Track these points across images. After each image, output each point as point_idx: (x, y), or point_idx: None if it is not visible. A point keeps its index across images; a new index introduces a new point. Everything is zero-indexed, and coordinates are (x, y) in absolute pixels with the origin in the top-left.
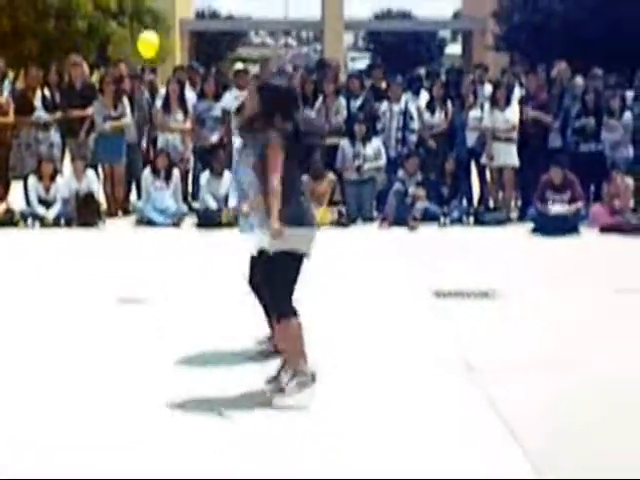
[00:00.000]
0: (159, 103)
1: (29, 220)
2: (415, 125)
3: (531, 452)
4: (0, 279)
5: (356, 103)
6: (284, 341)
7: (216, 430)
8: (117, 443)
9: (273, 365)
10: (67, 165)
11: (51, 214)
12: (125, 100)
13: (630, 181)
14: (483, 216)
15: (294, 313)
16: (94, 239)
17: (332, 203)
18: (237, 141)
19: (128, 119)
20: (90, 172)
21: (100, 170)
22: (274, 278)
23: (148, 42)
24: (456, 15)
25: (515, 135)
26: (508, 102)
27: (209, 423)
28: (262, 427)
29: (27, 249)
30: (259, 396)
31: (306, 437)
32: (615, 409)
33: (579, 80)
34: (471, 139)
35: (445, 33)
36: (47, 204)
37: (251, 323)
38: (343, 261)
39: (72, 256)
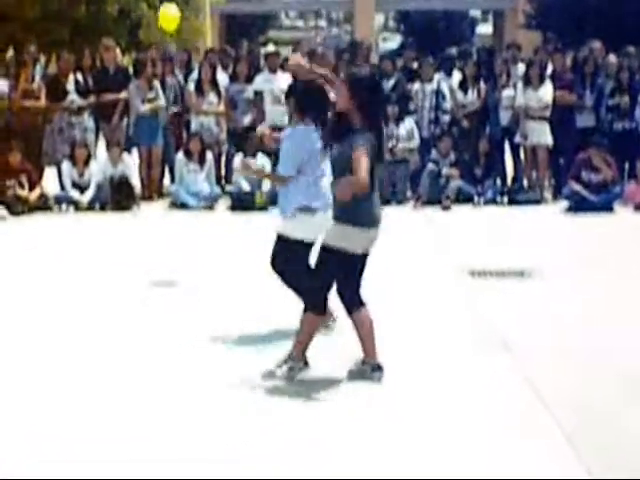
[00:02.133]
0: (191, 86)
1: (63, 205)
2: (448, 105)
3: (570, 433)
4: (35, 263)
5: (388, 84)
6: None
7: (242, 414)
8: (132, 424)
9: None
10: (100, 149)
11: (85, 198)
12: (157, 83)
13: None
14: (517, 195)
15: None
16: (128, 223)
17: None
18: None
19: (162, 101)
20: (126, 156)
21: (136, 153)
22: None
23: (168, 15)
24: None
25: (548, 114)
26: (542, 81)
27: (238, 407)
28: (294, 408)
29: (61, 233)
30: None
31: (342, 418)
32: None
33: (612, 58)
34: (505, 118)
35: (476, 13)
36: (81, 188)
37: (285, 306)
38: (377, 241)
39: (106, 240)
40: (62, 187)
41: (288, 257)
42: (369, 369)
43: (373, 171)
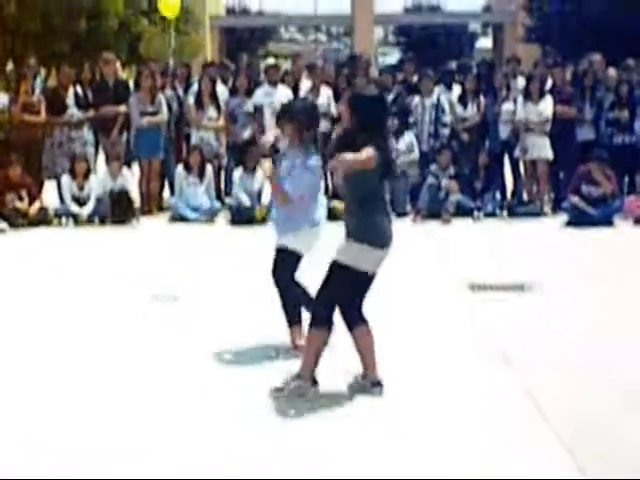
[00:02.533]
0: (191, 100)
1: (63, 218)
2: (447, 119)
3: (570, 446)
4: (35, 276)
5: (388, 97)
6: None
7: (242, 427)
8: (133, 437)
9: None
10: (100, 163)
11: (85, 212)
12: (161, 96)
13: None
14: (517, 209)
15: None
16: (128, 236)
17: None
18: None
19: (164, 115)
20: (126, 170)
21: (137, 166)
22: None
23: (169, 3)
24: (486, 8)
25: (548, 127)
26: (541, 95)
27: (237, 420)
28: (294, 422)
29: (61, 246)
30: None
31: (344, 431)
32: None
33: (612, 72)
34: (504, 132)
35: (475, 27)
36: (81, 202)
37: (282, 318)
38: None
39: (106, 253)
40: (62, 201)
41: (286, 269)
42: (369, 384)
43: (381, 189)
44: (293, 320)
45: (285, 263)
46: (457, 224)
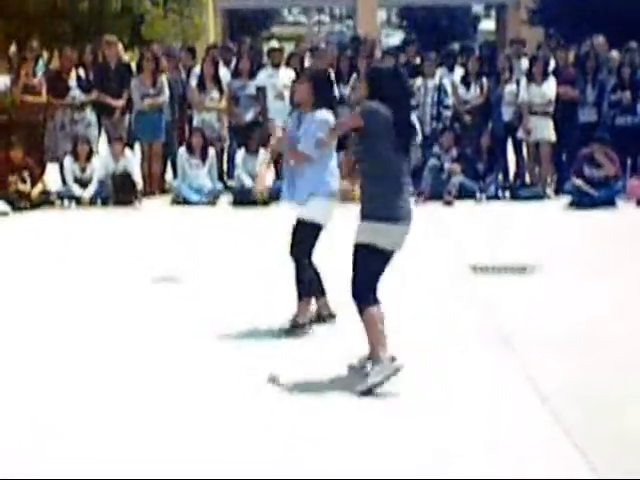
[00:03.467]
0: (194, 82)
1: (65, 200)
2: (450, 101)
3: (571, 429)
4: (37, 258)
5: None
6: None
7: (244, 410)
8: (135, 423)
9: (304, 343)
10: (102, 145)
11: (87, 194)
12: (164, 78)
13: None
14: (519, 191)
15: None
16: (130, 218)
17: None
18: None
19: (165, 97)
20: (128, 152)
21: (138, 148)
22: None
23: None
24: None
25: (552, 109)
26: (545, 76)
27: (239, 403)
28: (297, 405)
29: (63, 228)
30: (288, 373)
31: (343, 414)
32: None
33: (615, 53)
34: (507, 114)
35: (478, 8)
36: (83, 184)
37: (285, 301)
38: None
39: (108, 235)
40: (64, 183)
41: (307, 242)
42: (389, 361)
43: (397, 164)
44: (304, 294)
45: (304, 236)
46: (459, 206)
